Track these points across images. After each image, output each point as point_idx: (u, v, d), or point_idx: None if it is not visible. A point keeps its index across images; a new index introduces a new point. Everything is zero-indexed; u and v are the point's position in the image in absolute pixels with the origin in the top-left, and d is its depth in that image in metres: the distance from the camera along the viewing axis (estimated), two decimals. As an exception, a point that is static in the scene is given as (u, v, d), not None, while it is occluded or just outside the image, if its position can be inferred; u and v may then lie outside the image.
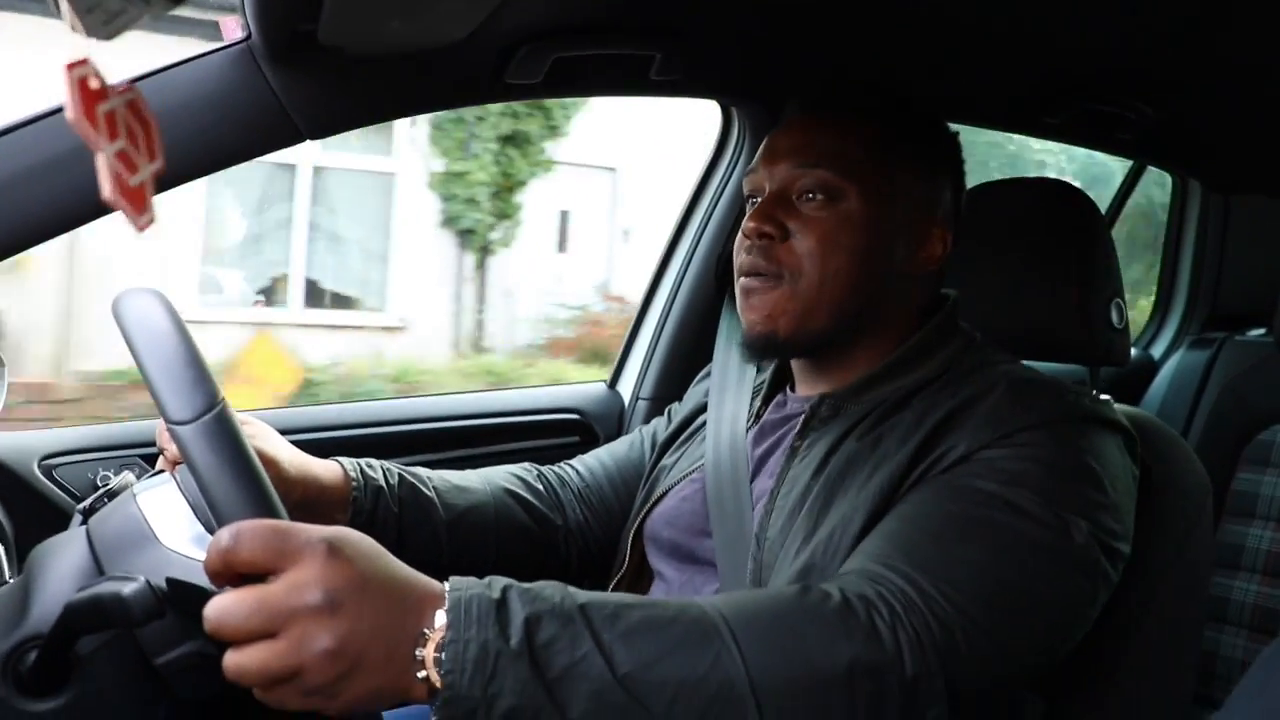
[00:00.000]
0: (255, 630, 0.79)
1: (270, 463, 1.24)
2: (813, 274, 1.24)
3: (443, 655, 0.82)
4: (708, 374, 1.60)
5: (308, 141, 1.44)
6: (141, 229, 0.75)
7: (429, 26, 1.32)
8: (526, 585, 0.90)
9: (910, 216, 1.29)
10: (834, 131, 1.29)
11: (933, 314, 1.32)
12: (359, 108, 1.50)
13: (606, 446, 1.66)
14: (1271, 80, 1.83)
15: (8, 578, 1.29)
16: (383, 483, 1.37)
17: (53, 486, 1.61)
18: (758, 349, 1.31)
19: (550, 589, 0.90)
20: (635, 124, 9.40)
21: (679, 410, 1.60)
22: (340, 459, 1.36)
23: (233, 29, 1.38)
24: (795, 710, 0.91)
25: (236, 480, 0.86)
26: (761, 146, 1.34)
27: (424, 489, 1.41)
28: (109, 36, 0.79)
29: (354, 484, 1.34)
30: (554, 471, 1.59)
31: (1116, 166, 3.00)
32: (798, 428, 1.30)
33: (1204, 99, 2.02)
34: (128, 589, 0.87)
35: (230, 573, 0.81)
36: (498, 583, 0.88)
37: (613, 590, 1.44)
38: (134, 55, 0.97)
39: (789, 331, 1.26)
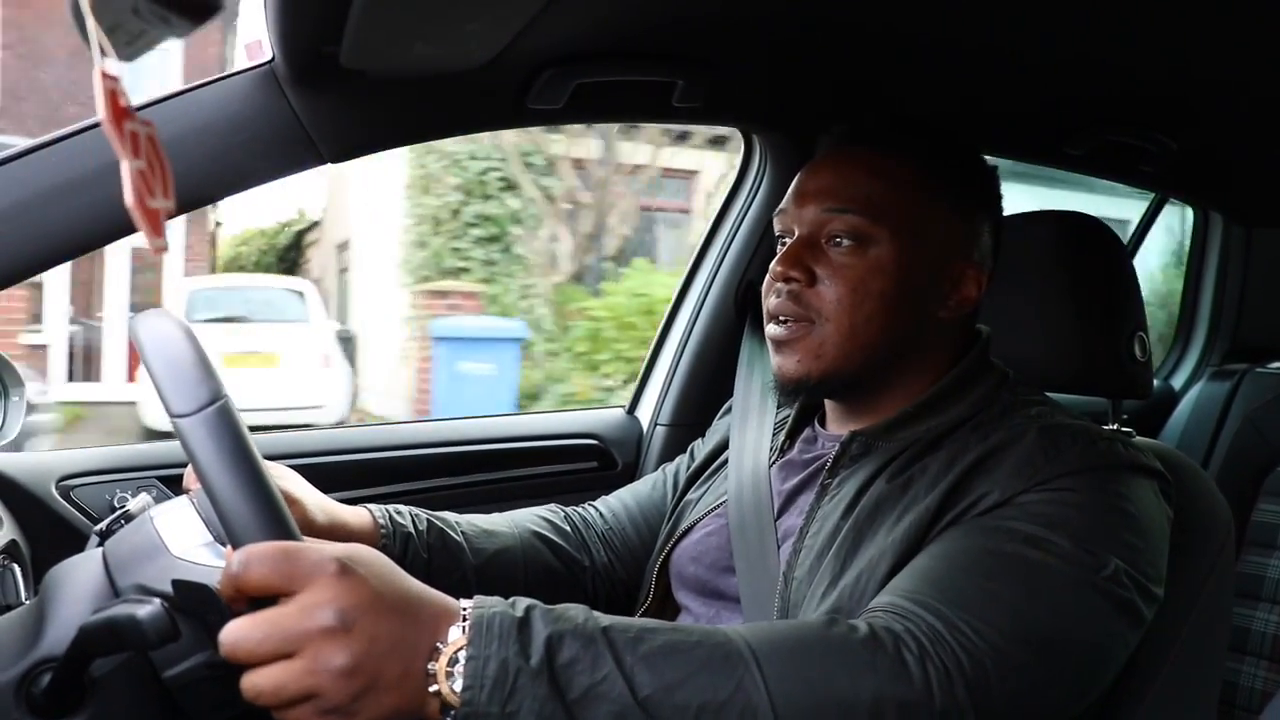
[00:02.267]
0: (270, 653, 0.79)
1: (298, 510, 1.24)
2: (842, 321, 1.23)
3: (456, 670, 0.82)
4: (730, 409, 1.59)
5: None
6: (156, 252, 0.75)
7: (452, 51, 1.32)
8: (550, 606, 0.89)
9: (945, 259, 1.26)
10: (865, 172, 1.26)
11: (967, 350, 1.30)
12: (381, 131, 1.51)
13: (629, 487, 1.65)
14: (1294, 113, 1.83)
15: (24, 599, 1.29)
16: (411, 529, 1.36)
17: (70, 508, 1.60)
18: (790, 392, 1.29)
19: (574, 610, 0.90)
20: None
21: (703, 445, 1.59)
22: (369, 506, 1.36)
23: (256, 51, 1.39)
24: None
25: (237, 472, 0.86)
26: (792, 185, 1.32)
27: (452, 534, 1.40)
28: (131, 57, 0.79)
29: (383, 531, 1.33)
30: (579, 513, 1.58)
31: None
32: (828, 465, 1.28)
33: (1225, 131, 2.01)
34: (142, 611, 0.86)
35: (243, 597, 0.81)
36: (521, 602, 0.88)
37: (655, 569, 1.44)
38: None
39: (820, 375, 1.25)
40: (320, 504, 1.29)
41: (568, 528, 1.53)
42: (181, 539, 1.01)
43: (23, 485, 1.58)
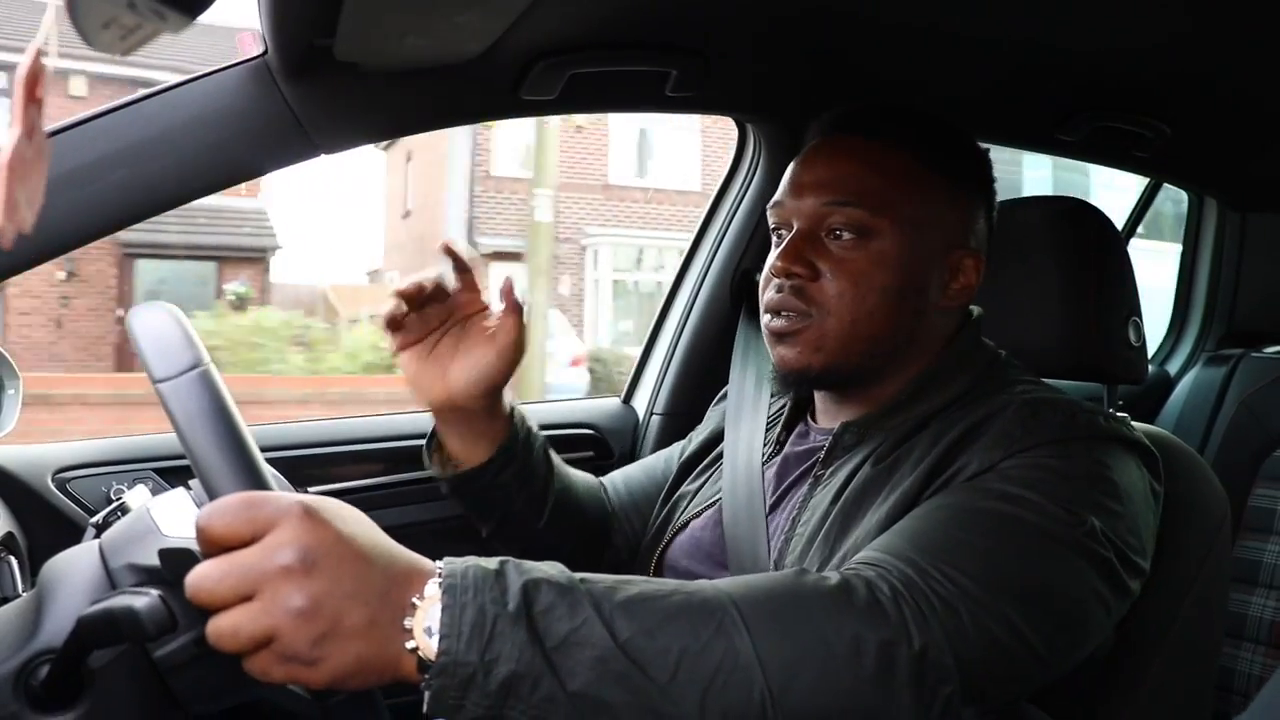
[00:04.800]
0: (229, 592, 0.77)
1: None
2: (845, 314, 1.22)
3: (433, 626, 0.80)
4: (725, 396, 1.59)
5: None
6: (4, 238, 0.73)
7: (445, 42, 1.32)
8: (522, 560, 0.88)
9: (944, 247, 1.26)
10: (862, 162, 1.25)
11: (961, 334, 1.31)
12: (374, 123, 1.51)
13: (624, 473, 1.65)
14: (1288, 98, 1.83)
15: (20, 591, 1.29)
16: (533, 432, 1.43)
17: (66, 500, 1.61)
18: (790, 383, 1.30)
19: (548, 565, 0.88)
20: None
21: (697, 433, 1.58)
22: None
23: (249, 44, 1.39)
24: (802, 681, 0.88)
25: (216, 432, 0.86)
26: (786, 176, 1.31)
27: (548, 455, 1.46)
28: (125, 52, 0.79)
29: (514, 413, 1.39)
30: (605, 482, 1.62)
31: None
32: (821, 457, 1.28)
33: (1219, 116, 2.01)
34: (140, 603, 0.87)
35: (213, 548, 0.80)
36: (494, 558, 0.87)
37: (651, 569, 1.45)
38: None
39: (822, 367, 1.24)
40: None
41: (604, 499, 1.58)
42: (178, 528, 1.01)
43: (18, 477, 1.58)
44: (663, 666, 0.85)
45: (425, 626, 0.80)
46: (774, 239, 1.31)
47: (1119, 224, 1.86)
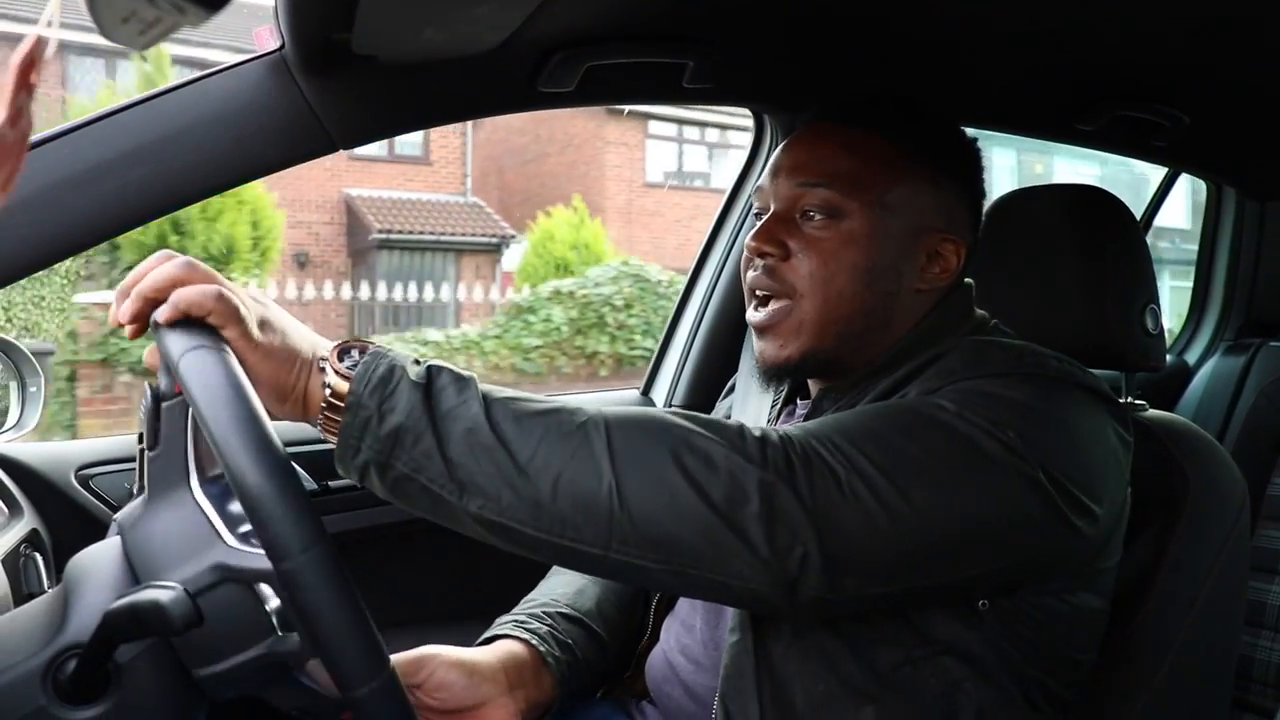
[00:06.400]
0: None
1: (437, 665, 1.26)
2: (816, 295, 1.23)
3: (344, 372, 0.99)
4: (732, 388, 1.60)
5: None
6: None
7: (462, 35, 1.32)
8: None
9: (919, 231, 1.26)
10: (837, 146, 1.27)
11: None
12: (392, 116, 1.51)
13: None
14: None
15: (47, 588, 1.30)
16: (555, 636, 1.37)
17: (89, 496, 1.62)
18: (772, 376, 1.32)
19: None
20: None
21: None
22: (510, 634, 1.36)
23: (266, 39, 1.39)
24: (648, 486, 0.96)
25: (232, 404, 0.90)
26: (769, 162, 1.33)
27: (575, 615, 1.42)
28: (144, 46, 0.79)
29: (546, 655, 1.33)
30: None
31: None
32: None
33: (1238, 106, 2.00)
34: (166, 597, 0.88)
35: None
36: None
37: (654, 605, 1.45)
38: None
39: (800, 355, 1.26)
40: (480, 659, 1.29)
41: None
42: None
43: (43, 475, 1.59)
44: (523, 448, 0.96)
45: (338, 369, 0.99)
46: (756, 223, 1.32)
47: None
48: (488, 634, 1.36)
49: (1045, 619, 1.12)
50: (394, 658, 1.10)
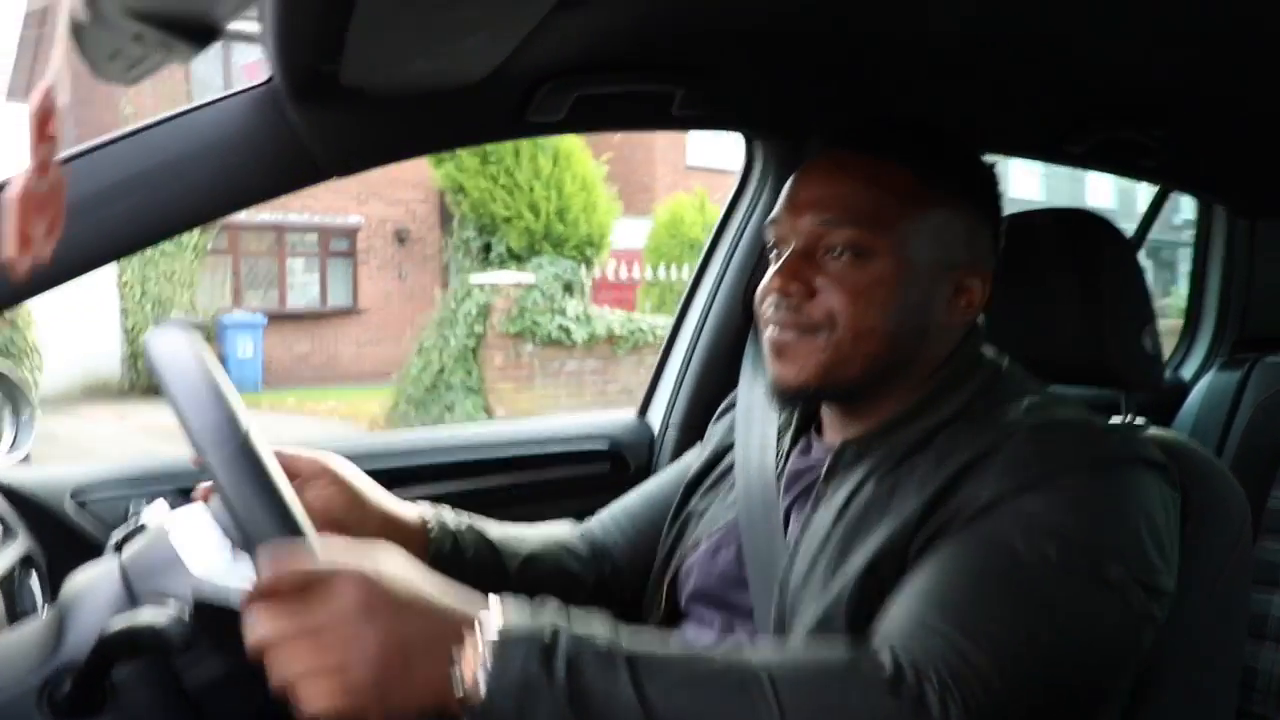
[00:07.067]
0: (293, 630, 0.84)
1: (351, 497, 1.30)
2: (844, 332, 1.19)
3: (481, 679, 0.87)
4: (727, 408, 1.58)
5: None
6: (10, 265, 0.75)
7: (451, 66, 1.32)
8: (577, 628, 0.92)
9: (947, 265, 1.23)
10: (860, 180, 1.22)
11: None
12: (380, 147, 1.51)
13: (636, 493, 1.62)
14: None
15: (41, 609, 1.30)
16: (455, 529, 1.39)
17: (84, 520, 1.61)
18: (787, 400, 1.28)
19: (599, 633, 0.92)
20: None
21: (702, 448, 1.56)
22: (421, 503, 1.40)
23: (256, 71, 1.40)
24: None
25: (262, 497, 0.90)
26: (784, 192, 1.29)
27: (489, 535, 1.42)
28: (131, 82, 0.80)
29: (430, 529, 1.36)
30: (591, 524, 1.58)
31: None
32: (822, 475, 1.26)
33: (1223, 126, 2.00)
34: (162, 618, 0.89)
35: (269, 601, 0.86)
36: (547, 618, 0.91)
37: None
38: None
39: (819, 384, 1.23)
40: (375, 495, 1.33)
41: (580, 539, 1.53)
42: (202, 558, 1.02)
43: (36, 498, 1.59)
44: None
45: (473, 674, 0.87)
46: (771, 255, 1.29)
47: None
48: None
49: None
50: (299, 453, 1.20)
